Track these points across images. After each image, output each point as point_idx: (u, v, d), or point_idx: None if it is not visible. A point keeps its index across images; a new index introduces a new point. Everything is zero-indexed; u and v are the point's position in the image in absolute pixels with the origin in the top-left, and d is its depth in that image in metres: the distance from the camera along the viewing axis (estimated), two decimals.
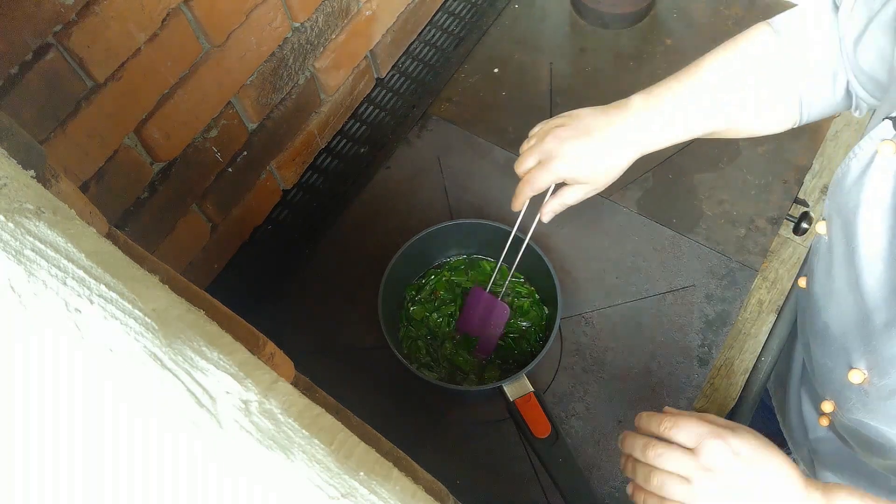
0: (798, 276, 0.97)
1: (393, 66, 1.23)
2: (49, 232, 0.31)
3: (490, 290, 0.99)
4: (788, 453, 1.38)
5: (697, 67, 0.79)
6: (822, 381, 0.77)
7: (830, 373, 0.73)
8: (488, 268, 1.03)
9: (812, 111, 0.76)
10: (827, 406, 0.77)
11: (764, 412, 1.20)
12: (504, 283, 0.97)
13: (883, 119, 0.60)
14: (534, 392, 0.87)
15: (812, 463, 0.84)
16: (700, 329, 0.99)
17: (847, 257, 0.66)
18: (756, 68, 0.76)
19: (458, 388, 0.95)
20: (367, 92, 1.20)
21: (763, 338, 1.16)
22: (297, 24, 0.95)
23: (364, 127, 1.18)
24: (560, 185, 0.85)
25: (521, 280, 1.02)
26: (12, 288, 0.30)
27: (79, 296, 0.30)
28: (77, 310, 0.30)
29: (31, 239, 0.31)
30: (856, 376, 0.67)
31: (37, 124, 0.69)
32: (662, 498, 0.63)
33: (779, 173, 1.10)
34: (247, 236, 1.09)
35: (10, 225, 0.30)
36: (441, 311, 1.00)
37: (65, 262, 0.31)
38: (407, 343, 0.99)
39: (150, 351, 0.30)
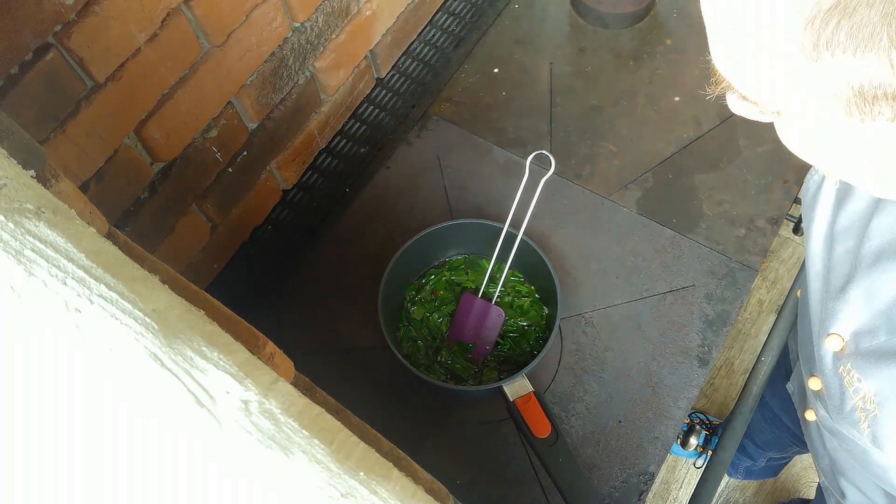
0: (796, 283, 0.98)
1: (393, 66, 1.23)
2: (49, 232, 0.31)
3: (484, 293, 0.99)
4: (790, 455, 1.39)
5: None
6: (805, 389, 0.77)
7: (806, 380, 0.74)
8: (488, 267, 1.03)
9: None
10: (810, 415, 0.78)
11: (772, 419, 1.20)
12: (499, 284, 0.97)
13: None
14: (534, 392, 0.87)
15: (832, 472, 0.84)
16: (700, 329, 0.99)
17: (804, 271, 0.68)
18: None
19: (458, 388, 0.95)
20: (367, 92, 1.20)
21: (763, 338, 1.16)
22: (297, 24, 0.95)
23: (364, 127, 1.18)
24: None
25: (521, 279, 1.02)
26: (12, 288, 0.30)
27: (79, 296, 0.30)
28: (77, 310, 0.30)
29: (31, 239, 0.31)
30: (814, 384, 0.68)
31: (37, 124, 0.69)
32: None
33: (779, 173, 1.10)
34: (247, 236, 1.09)
35: (10, 225, 0.30)
36: (441, 311, 1.00)
37: (65, 262, 0.31)
38: (407, 343, 0.99)
39: (150, 351, 0.30)
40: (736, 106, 0.43)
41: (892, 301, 0.56)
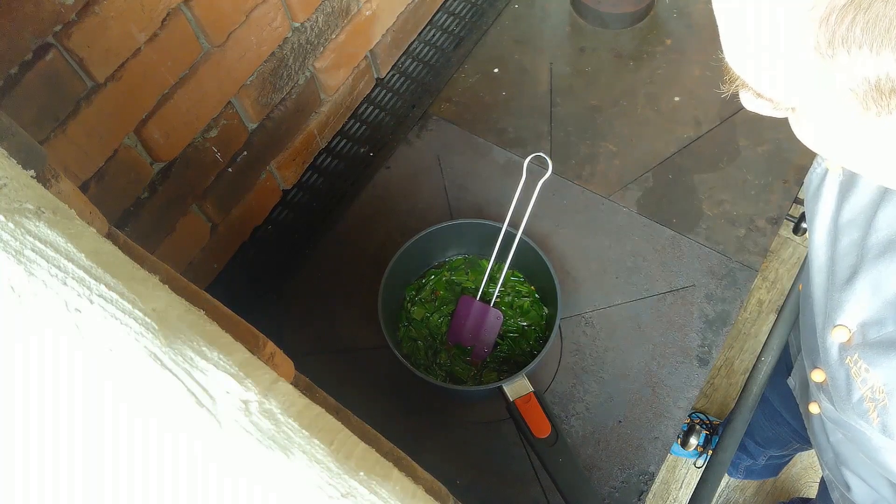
0: (797, 280, 0.99)
1: (393, 66, 1.23)
2: (49, 232, 0.31)
3: (483, 292, 0.99)
4: (790, 453, 1.40)
5: None
6: (808, 382, 0.78)
7: (809, 372, 0.74)
8: (488, 267, 1.03)
9: None
10: (814, 407, 0.78)
11: (772, 415, 1.21)
12: (498, 284, 0.97)
13: None
14: (534, 392, 0.87)
15: (837, 465, 0.84)
16: (700, 329, 0.99)
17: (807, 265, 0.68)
18: None
19: (458, 388, 0.95)
20: (367, 92, 1.20)
21: (763, 338, 1.16)
22: (297, 24, 0.95)
23: (364, 127, 1.18)
24: None
25: (521, 279, 1.02)
26: (12, 288, 0.30)
27: (79, 296, 0.30)
28: (77, 310, 0.30)
29: (31, 239, 0.31)
30: (818, 376, 0.68)
31: (37, 124, 0.69)
32: None
33: (779, 173, 1.10)
34: (247, 236, 1.09)
35: (10, 225, 0.30)
36: (441, 312, 1.00)
37: (65, 262, 0.31)
38: (407, 343, 0.99)
39: (150, 351, 0.30)
40: (750, 103, 0.43)
41: None
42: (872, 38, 0.31)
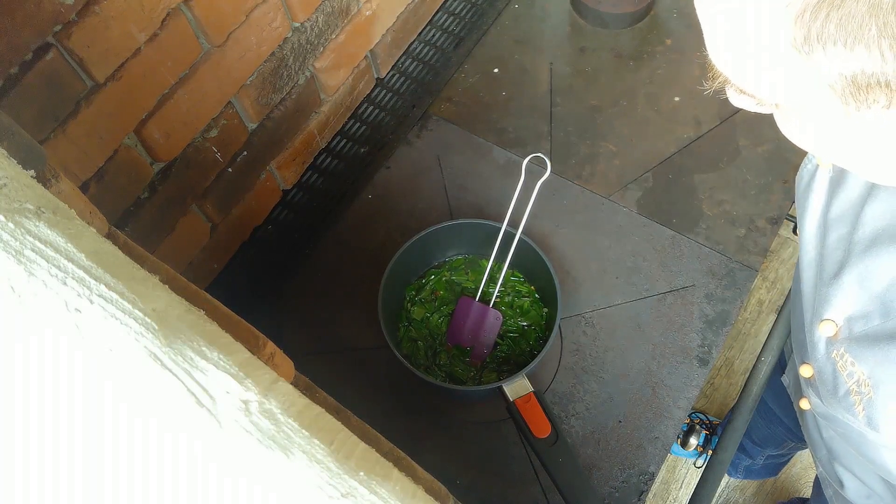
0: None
1: (393, 66, 1.23)
2: (49, 232, 0.31)
3: (483, 292, 0.99)
4: (787, 452, 1.40)
5: None
6: (799, 378, 0.78)
7: (798, 368, 0.75)
8: (488, 267, 1.03)
9: None
10: (804, 403, 0.79)
11: (766, 413, 1.21)
12: (497, 284, 0.97)
13: None
14: (534, 392, 0.87)
15: (830, 462, 0.85)
16: (700, 329, 0.99)
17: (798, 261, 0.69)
18: None
19: (458, 388, 0.95)
20: (367, 92, 1.20)
21: (763, 338, 1.16)
22: (297, 24, 0.95)
23: (364, 127, 1.18)
24: None
25: (521, 279, 1.02)
26: (12, 288, 0.30)
27: (79, 296, 0.30)
28: (77, 310, 0.30)
29: (31, 239, 0.31)
30: (806, 371, 0.69)
31: (37, 124, 0.69)
32: None
33: (779, 173, 1.10)
34: (247, 236, 1.09)
35: (10, 225, 0.30)
36: (441, 312, 1.00)
37: (65, 262, 0.31)
38: (407, 343, 0.99)
39: (150, 351, 0.30)
40: (735, 98, 0.44)
41: (886, 286, 0.56)
42: (846, 35, 0.32)
